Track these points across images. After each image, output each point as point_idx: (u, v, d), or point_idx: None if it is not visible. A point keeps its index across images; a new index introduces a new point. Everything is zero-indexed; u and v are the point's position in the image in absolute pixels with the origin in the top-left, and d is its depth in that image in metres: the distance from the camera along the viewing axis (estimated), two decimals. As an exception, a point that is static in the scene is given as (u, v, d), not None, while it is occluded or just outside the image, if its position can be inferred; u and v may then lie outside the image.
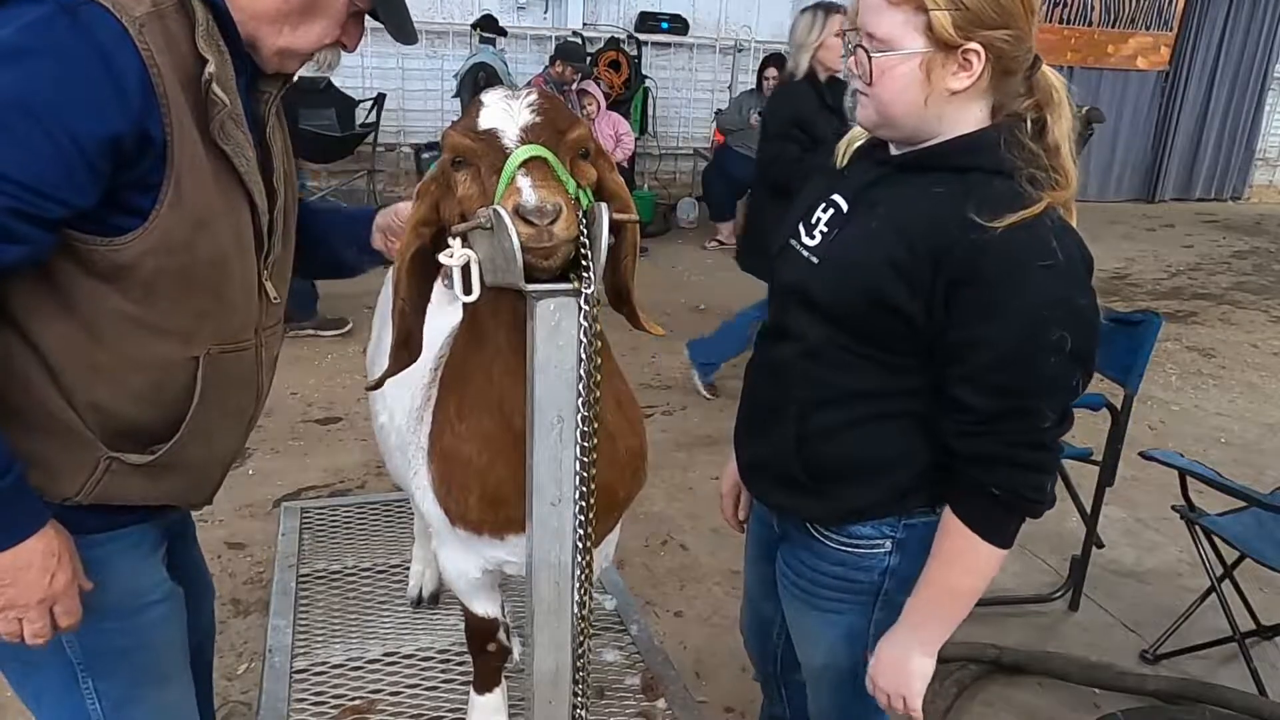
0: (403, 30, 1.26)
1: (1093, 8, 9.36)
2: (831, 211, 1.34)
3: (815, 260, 1.33)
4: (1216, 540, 2.61)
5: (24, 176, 1.00)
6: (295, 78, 1.31)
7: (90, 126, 1.02)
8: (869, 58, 1.23)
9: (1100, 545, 3.07)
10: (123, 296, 1.12)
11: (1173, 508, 2.71)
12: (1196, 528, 2.62)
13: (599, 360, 1.19)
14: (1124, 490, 3.46)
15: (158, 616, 1.34)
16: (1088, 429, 3.15)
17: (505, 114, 1.18)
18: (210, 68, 1.10)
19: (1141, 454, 2.73)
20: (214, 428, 1.27)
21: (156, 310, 1.14)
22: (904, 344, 1.26)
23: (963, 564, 1.29)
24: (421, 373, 1.55)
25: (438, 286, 1.33)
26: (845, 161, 1.41)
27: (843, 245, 1.31)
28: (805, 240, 1.35)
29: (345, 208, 1.61)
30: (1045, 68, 1.28)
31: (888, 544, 1.38)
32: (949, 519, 1.28)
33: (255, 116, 1.23)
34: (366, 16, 1.25)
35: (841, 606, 1.43)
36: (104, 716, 1.31)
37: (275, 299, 1.31)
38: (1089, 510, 2.95)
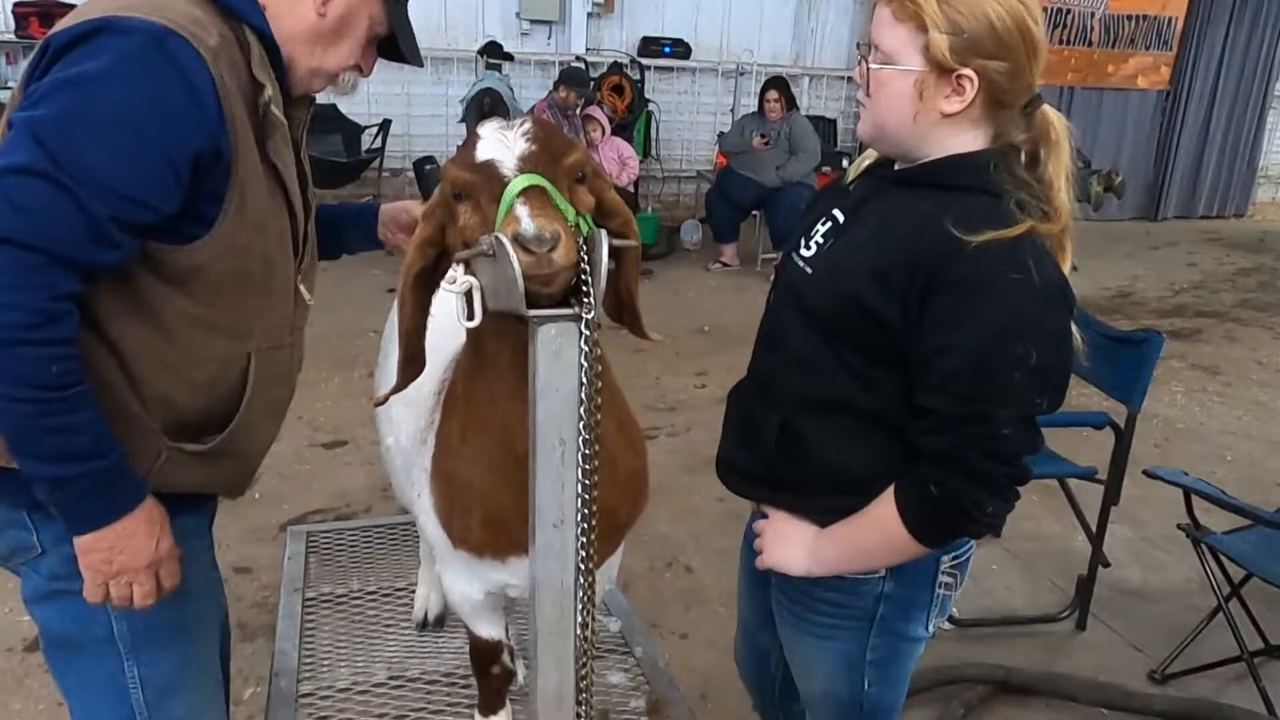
0: (415, 53, 1.42)
1: (1092, 28, 9.40)
2: (829, 224, 1.37)
3: (809, 270, 1.36)
4: (1223, 559, 2.60)
5: (124, 187, 1.12)
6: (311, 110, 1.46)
7: (179, 141, 1.15)
8: (869, 70, 1.28)
9: (1106, 564, 3.06)
10: (188, 297, 1.24)
11: (1178, 526, 2.70)
12: (1203, 546, 2.61)
13: (600, 384, 1.21)
14: (1129, 509, 3.44)
15: (204, 608, 1.45)
16: (1092, 447, 3.15)
17: (501, 144, 1.20)
18: (268, 92, 1.24)
19: (1146, 472, 2.72)
20: (259, 420, 1.39)
21: (217, 309, 1.27)
22: (883, 352, 1.27)
23: (880, 537, 1.30)
24: (426, 396, 1.56)
25: (445, 310, 1.35)
26: (853, 179, 1.43)
27: (834, 254, 1.34)
28: (803, 252, 1.38)
29: (352, 204, 1.85)
30: (1046, 107, 1.30)
31: (882, 569, 1.38)
32: (889, 493, 1.28)
33: (291, 139, 1.35)
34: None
35: (837, 633, 1.43)
36: (145, 706, 1.37)
37: (309, 301, 1.45)
38: (1094, 529, 2.94)
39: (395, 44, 1.41)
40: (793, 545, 1.41)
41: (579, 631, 1.32)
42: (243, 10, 1.24)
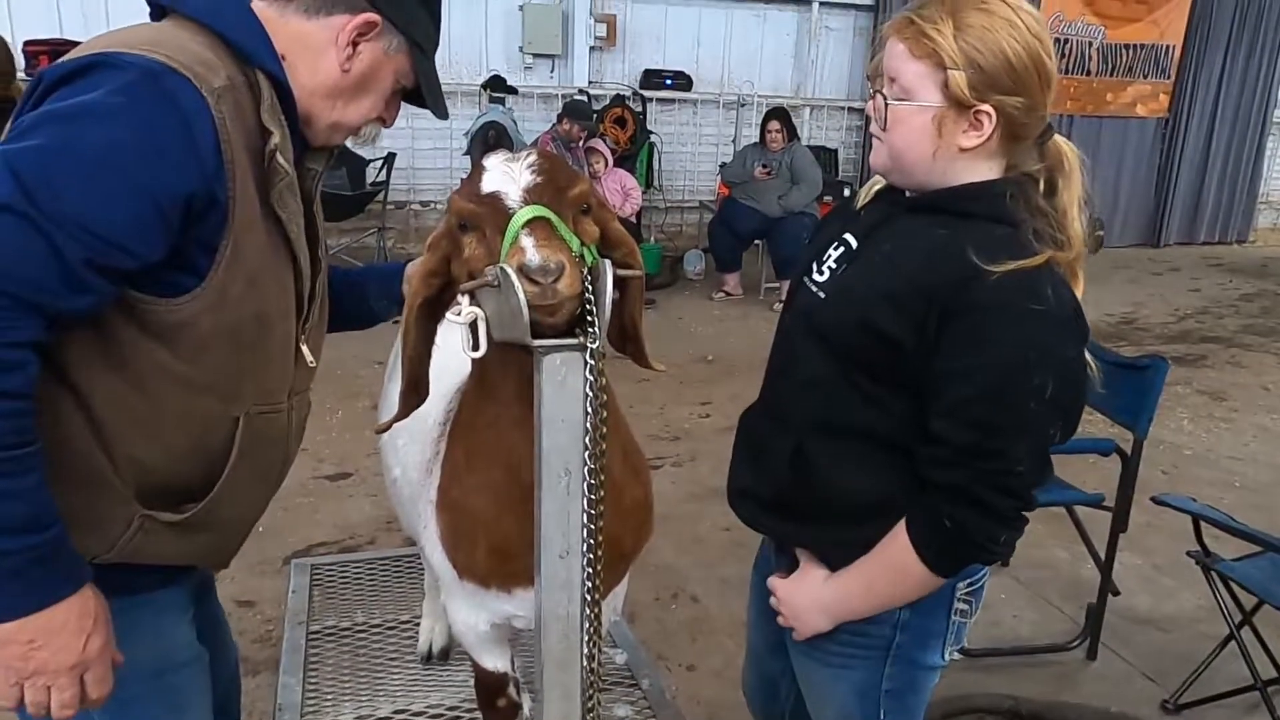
0: (440, 104, 1.35)
1: (1090, 58, 9.49)
2: (842, 249, 1.37)
3: (822, 295, 1.36)
4: (1234, 586, 2.58)
5: (103, 228, 1.03)
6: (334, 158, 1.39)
7: (168, 183, 1.07)
8: (886, 104, 1.28)
9: (1116, 592, 3.04)
10: (172, 354, 1.14)
11: (1188, 553, 2.68)
12: (1213, 573, 2.59)
13: (605, 414, 1.21)
14: (1138, 536, 3.42)
15: (186, 679, 1.34)
16: (1099, 474, 3.15)
17: (507, 176, 1.22)
18: (275, 139, 1.17)
19: (1154, 499, 2.71)
20: (244, 489, 1.28)
21: (203, 367, 1.17)
22: (896, 377, 1.27)
23: (893, 575, 1.30)
24: (431, 427, 1.57)
25: (449, 342, 1.36)
26: (864, 203, 1.43)
27: (847, 279, 1.34)
28: (815, 277, 1.38)
29: (375, 265, 1.75)
30: (1058, 137, 1.31)
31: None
32: (900, 529, 1.28)
33: (303, 191, 1.28)
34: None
35: (852, 662, 1.42)
36: None
37: (311, 363, 1.35)
38: (1103, 557, 2.92)
39: (418, 92, 1.34)
40: (808, 610, 1.40)
41: (585, 663, 1.31)
42: (256, 54, 1.18)
